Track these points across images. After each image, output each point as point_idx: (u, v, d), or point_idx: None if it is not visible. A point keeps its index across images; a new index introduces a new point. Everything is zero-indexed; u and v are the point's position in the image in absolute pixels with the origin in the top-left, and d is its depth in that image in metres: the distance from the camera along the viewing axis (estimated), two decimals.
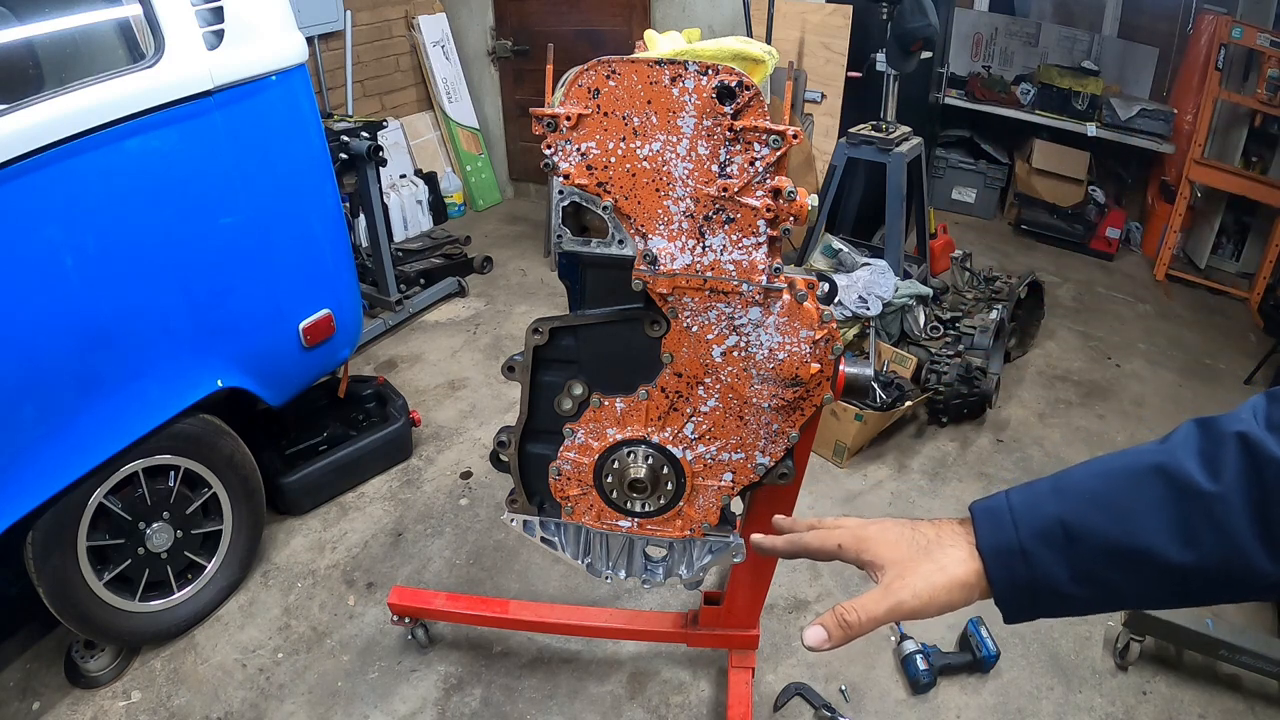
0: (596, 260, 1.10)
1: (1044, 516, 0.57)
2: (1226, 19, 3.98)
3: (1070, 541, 0.55)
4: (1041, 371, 3.40)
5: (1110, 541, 0.54)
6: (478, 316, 3.79)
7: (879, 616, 0.59)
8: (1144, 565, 0.53)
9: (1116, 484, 0.56)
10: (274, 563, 2.31)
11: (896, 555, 0.61)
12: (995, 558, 0.58)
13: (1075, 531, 0.55)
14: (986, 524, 0.59)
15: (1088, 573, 0.55)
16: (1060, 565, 0.55)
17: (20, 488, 1.63)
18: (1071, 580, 0.55)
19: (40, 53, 1.85)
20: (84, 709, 1.88)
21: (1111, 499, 0.55)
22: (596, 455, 1.21)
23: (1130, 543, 0.53)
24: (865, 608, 0.59)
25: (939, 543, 0.61)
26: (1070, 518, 0.55)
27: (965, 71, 4.95)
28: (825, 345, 1.09)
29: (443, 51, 4.77)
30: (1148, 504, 0.53)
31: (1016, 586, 0.57)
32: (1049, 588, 0.56)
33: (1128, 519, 0.54)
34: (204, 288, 1.92)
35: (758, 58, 1.24)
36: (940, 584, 0.58)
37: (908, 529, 0.63)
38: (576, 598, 2.21)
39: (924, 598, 0.58)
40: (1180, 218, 4.28)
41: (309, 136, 2.13)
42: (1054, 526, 0.56)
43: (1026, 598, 0.57)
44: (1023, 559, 0.57)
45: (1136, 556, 0.53)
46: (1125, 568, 0.54)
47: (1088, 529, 0.55)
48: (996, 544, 0.58)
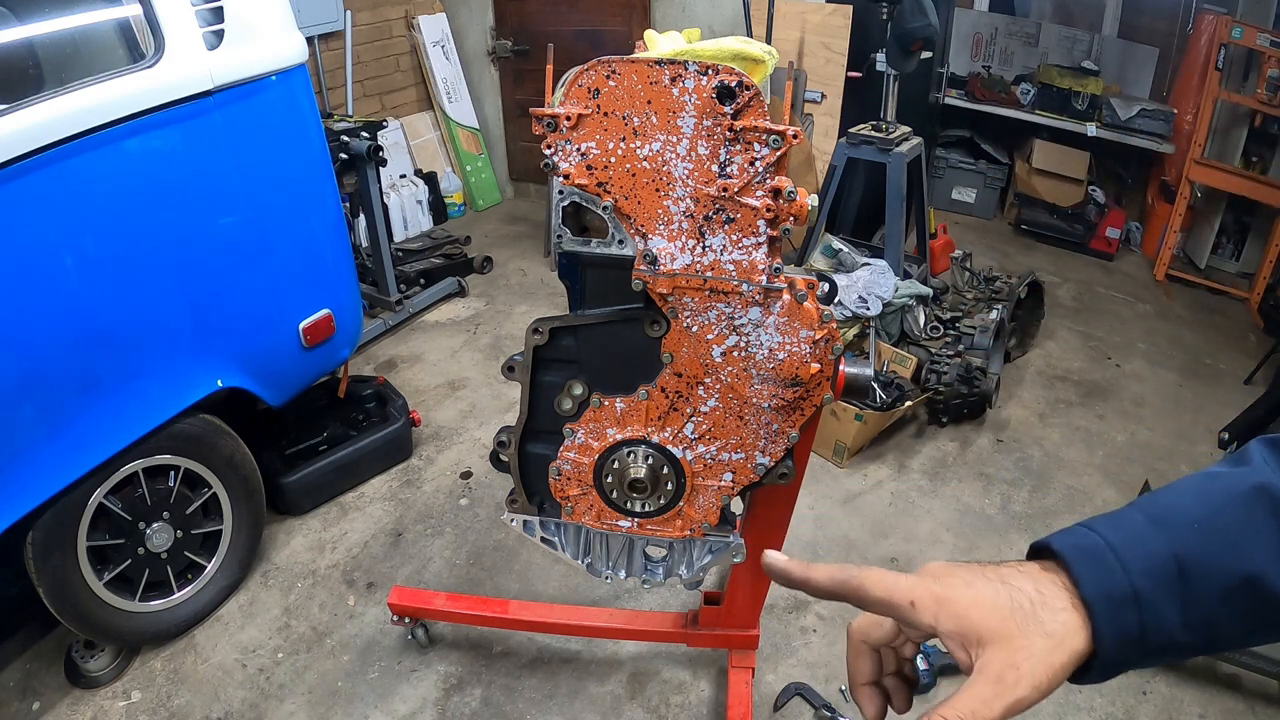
0: (596, 260, 1.10)
1: (1153, 552, 0.48)
2: (1226, 19, 3.98)
3: (1184, 580, 0.47)
4: (1041, 371, 3.40)
5: (1225, 576, 0.47)
6: (478, 316, 3.79)
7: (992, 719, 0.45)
8: (1256, 599, 0.47)
9: (1219, 511, 0.49)
10: (274, 563, 2.31)
11: (998, 627, 0.47)
12: (1105, 607, 0.47)
13: (1189, 568, 0.47)
14: (1088, 567, 0.48)
15: (1203, 613, 0.47)
16: (1174, 608, 0.47)
17: (20, 488, 1.63)
18: (1184, 624, 0.47)
19: (40, 53, 1.85)
20: (84, 709, 1.88)
21: (1220, 526, 0.48)
22: (596, 455, 1.21)
23: (1244, 573, 0.47)
24: (979, 713, 0.45)
25: (1044, 604, 0.48)
26: (1184, 553, 0.47)
27: (965, 71, 4.95)
28: (825, 345, 1.09)
29: (443, 51, 4.77)
30: (1256, 529, 0.47)
31: (1127, 639, 0.47)
32: (1161, 636, 0.47)
33: (1239, 548, 0.47)
34: (204, 288, 1.92)
35: (758, 58, 1.24)
36: (1059, 665, 0.46)
37: (998, 583, 0.49)
38: (576, 598, 2.21)
39: (1043, 688, 0.46)
40: (1180, 218, 4.28)
41: (309, 136, 2.13)
42: (1167, 563, 0.47)
43: (1135, 651, 0.48)
44: (1135, 606, 0.47)
45: (1250, 588, 0.47)
46: (1241, 603, 0.47)
47: (1203, 564, 0.47)
48: (1107, 591, 0.47)
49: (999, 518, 2.53)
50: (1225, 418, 2.82)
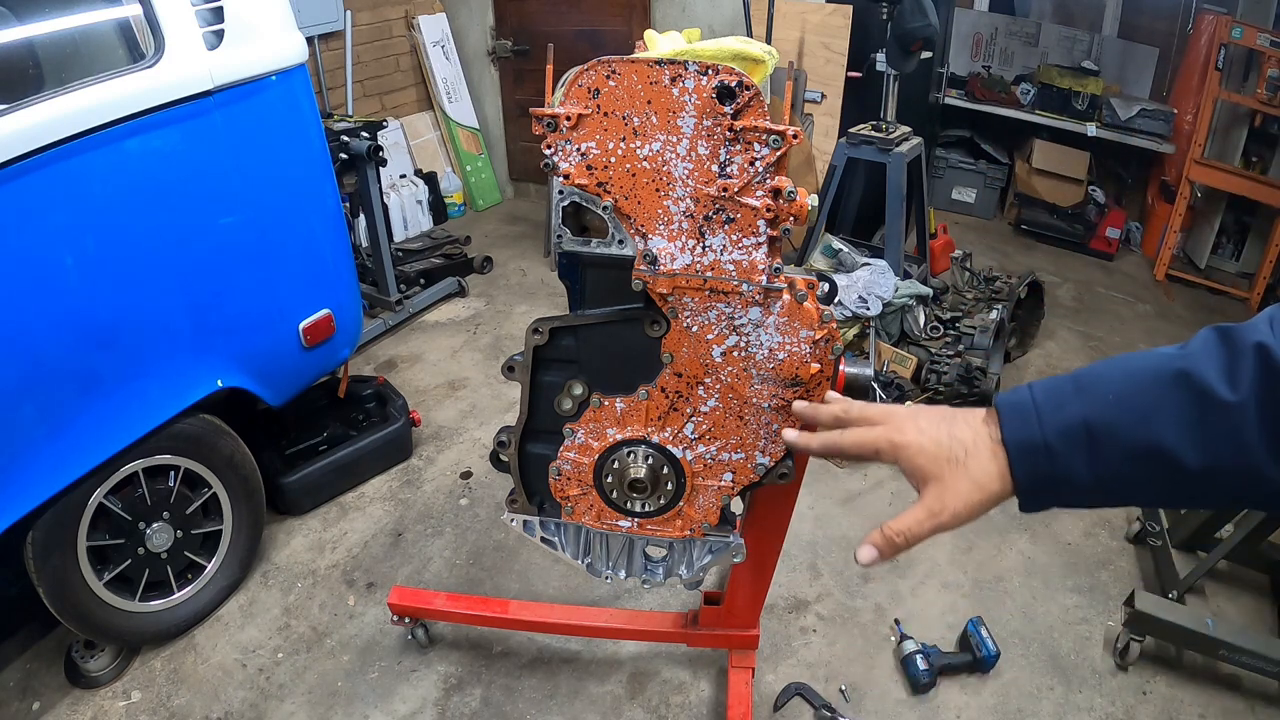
0: (596, 260, 1.10)
1: (1068, 415, 0.58)
2: (1226, 19, 3.98)
3: (1092, 440, 0.57)
4: (1041, 371, 3.40)
5: (1131, 441, 0.56)
6: (478, 316, 3.79)
7: (924, 534, 0.63)
8: (1161, 466, 0.55)
9: (1139, 386, 0.57)
10: (274, 563, 2.31)
11: (935, 469, 0.63)
12: (1020, 453, 0.60)
13: (1098, 431, 0.57)
14: (1013, 419, 0.61)
15: (1107, 470, 0.57)
16: (1082, 462, 0.57)
17: (20, 488, 1.63)
18: (1091, 476, 0.57)
19: (40, 53, 1.85)
20: (84, 709, 1.88)
21: (1133, 401, 0.57)
22: (596, 455, 1.21)
23: (1149, 444, 0.55)
24: (911, 529, 0.63)
25: (975, 453, 0.62)
26: (1093, 417, 0.57)
27: (965, 71, 4.95)
28: (825, 345, 1.09)
29: (443, 51, 4.77)
30: (1168, 408, 0.55)
31: (1038, 479, 0.59)
32: (1069, 482, 0.58)
33: (1148, 421, 0.56)
34: (204, 288, 1.92)
35: (758, 58, 1.24)
36: (977, 500, 0.61)
37: (944, 435, 0.64)
38: (576, 598, 2.21)
39: (963, 515, 0.62)
40: (1180, 218, 4.28)
41: (309, 136, 2.13)
42: (1078, 425, 0.58)
43: (1047, 490, 0.60)
44: (1046, 454, 0.58)
45: (1154, 457, 0.55)
46: (1143, 467, 0.56)
47: (1110, 429, 0.56)
48: (1021, 439, 0.60)
49: (999, 517, 2.53)
50: None
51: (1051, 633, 2.13)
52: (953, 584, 2.29)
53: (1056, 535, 2.46)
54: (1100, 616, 2.18)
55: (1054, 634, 2.12)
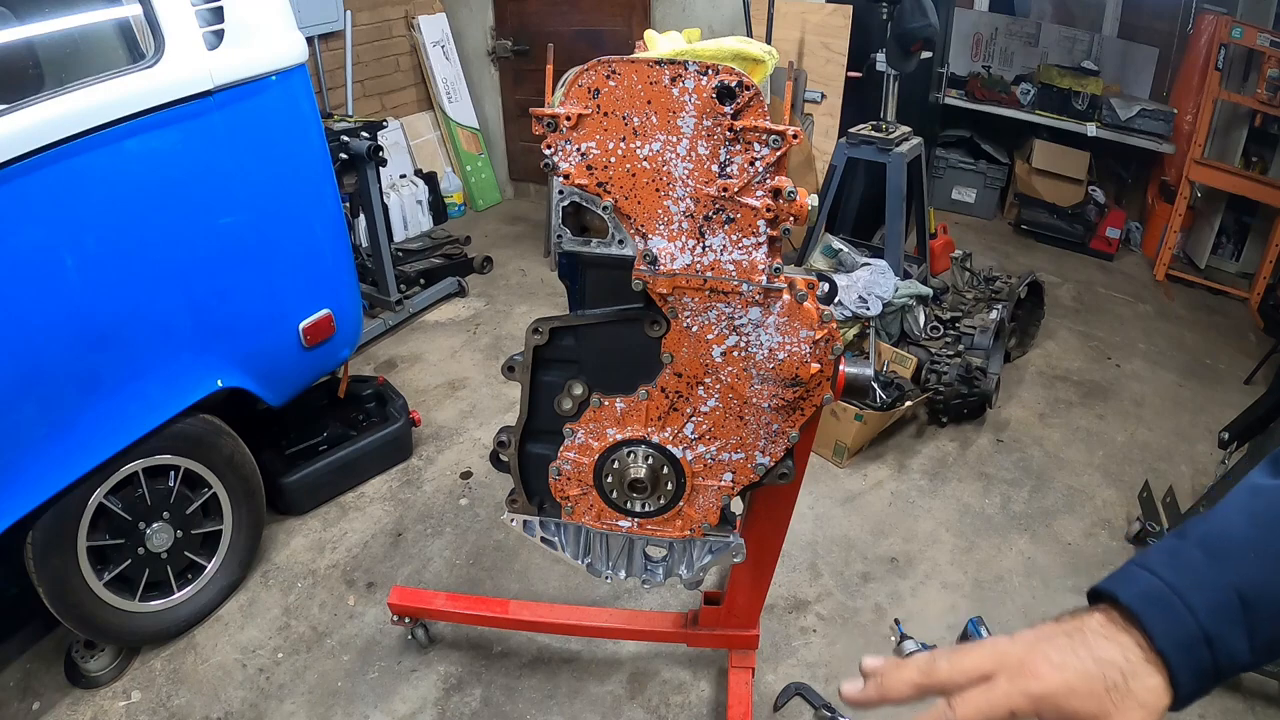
0: (596, 260, 1.10)
1: (1215, 589, 0.49)
2: (1226, 19, 3.98)
3: (1248, 609, 0.49)
4: (1041, 371, 3.40)
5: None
6: (478, 316, 3.79)
7: None
8: None
9: (1273, 529, 0.50)
10: (274, 563, 2.31)
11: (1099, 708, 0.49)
12: (1180, 654, 0.49)
13: (1252, 599, 0.49)
14: (1158, 618, 0.50)
15: (1268, 636, 0.49)
16: (1241, 639, 0.49)
17: (20, 488, 1.63)
18: (1251, 649, 0.49)
19: (40, 53, 1.85)
20: (84, 709, 1.88)
21: (1276, 548, 0.49)
22: (596, 455, 1.21)
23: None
24: None
25: (1134, 674, 0.49)
26: (1243, 581, 0.49)
27: (965, 71, 4.95)
28: (825, 345, 1.09)
29: (443, 51, 4.77)
30: None
31: (1203, 676, 0.49)
32: (1232, 666, 0.49)
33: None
34: (204, 288, 1.92)
35: (758, 58, 1.24)
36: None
37: (1085, 659, 0.50)
38: (576, 598, 2.21)
39: None
40: (1180, 218, 4.28)
41: (309, 137, 2.13)
42: (1230, 597, 0.49)
43: (1209, 683, 0.50)
44: (1207, 646, 0.49)
45: None
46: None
47: (1265, 589, 0.49)
48: (1178, 639, 0.49)
49: (999, 518, 2.53)
50: (1225, 418, 2.82)
51: None
52: (953, 584, 2.28)
53: (1057, 535, 2.46)
54: None
55: None
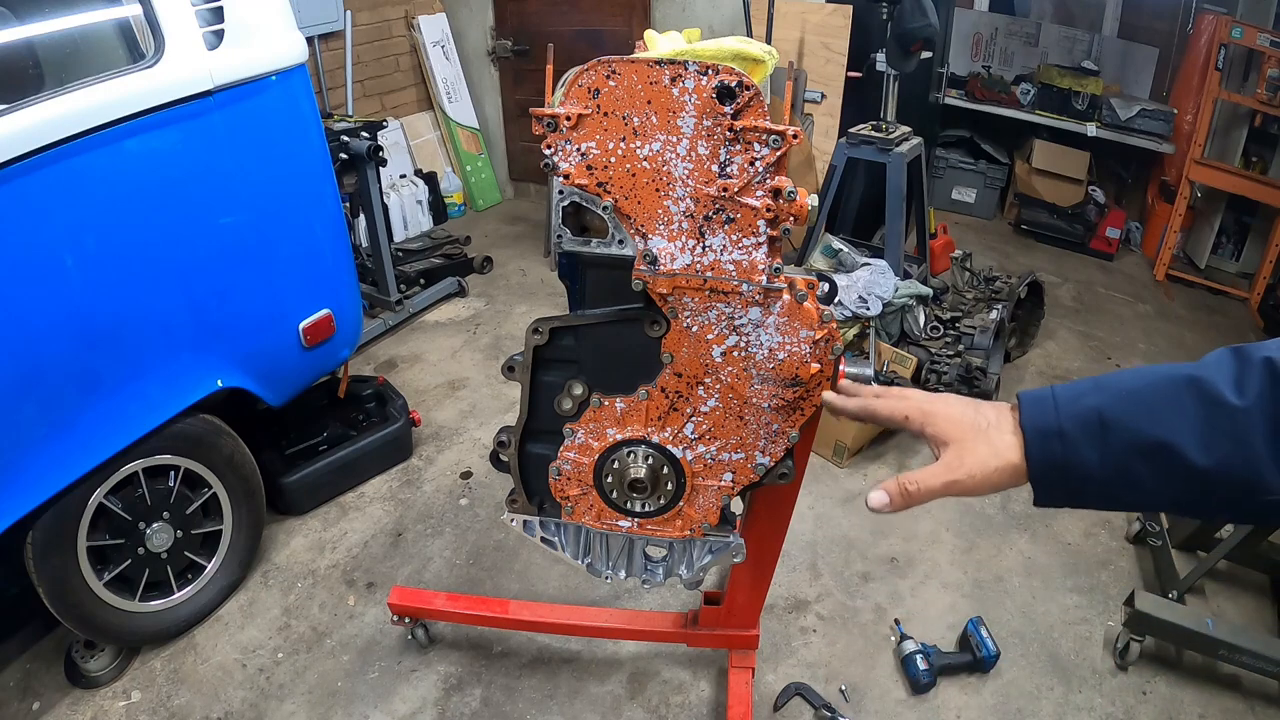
0: (596, 260, 1.10)
1: (1083, 406, 0.62)
2: (1226, 19, 3.98)
3: (1104, 429, 0.60)
4: (1042, 371, 3.40)
5: (1140, 435, 0.59)
6: (478, 316, 3.79)
7: (936, 489, 0.66)
8: (1167, 462, 0.58)
9: (1152, 387, 0.61)
10: (274, 563, 2.31)
11: (959, 434, 0.67)
12: (1035, 436, 0.63)
13: (1110, 421, 0.60)
14: (1031, 407, 0.64)
15: (1116, 461, 0.60)
16: (1093, 450, 0.60)
17: (20, 488, 1.63)
18: (1101, 465, 0.60)
19: (40, 53, 1.85)
20: (84, 709, 1.88)
21: (1146, 398, 0.60)
22: (596, 455, 1.21)
23: (1158, 439, 0.58)
24: (925, 481, 0.67)
25: (997, 426, 0.66)
26: (1107, 409, 0.60)
27: (965, 71, 4.95)
28: (825, 345, 1.09)
29: (443, 51, 4.77)
30: (1178, 407, 0.59)
31: (1052, 465, 0.62)
32: (1080, 470, 0.61)
33: (1158, 417, 0.59)
34: (204, 288, 1.92)
35: (758, 58, 1.24)
36: (993, 466, 0.64)
37: (970, 409, 0.69)
38: (576, 598, 2.21)
39: (978, 478, 0.65)
40: (1180, 218, 4.28)
41: (309, 137, 2.13)
42: (1091, 415, 0.61)
43: (1058, 477, 0.62)
44: (1060, 439, 0.62)
45: (1162, 452, 0.58)
46: (1150, 461, 0.59)
47: (1121, 420, 0.60)
48: (1038, 424, 0.63)
49: (999, 518, 2.53)
50: None
51: (1051, 633, 2.13)
52: (953, 584, 2.29)
53: (1056, 535, 2.46)
54: (1100, 616, 2.18)
55: (1054, 634, 2.12)
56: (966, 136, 5.01)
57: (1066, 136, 4.58)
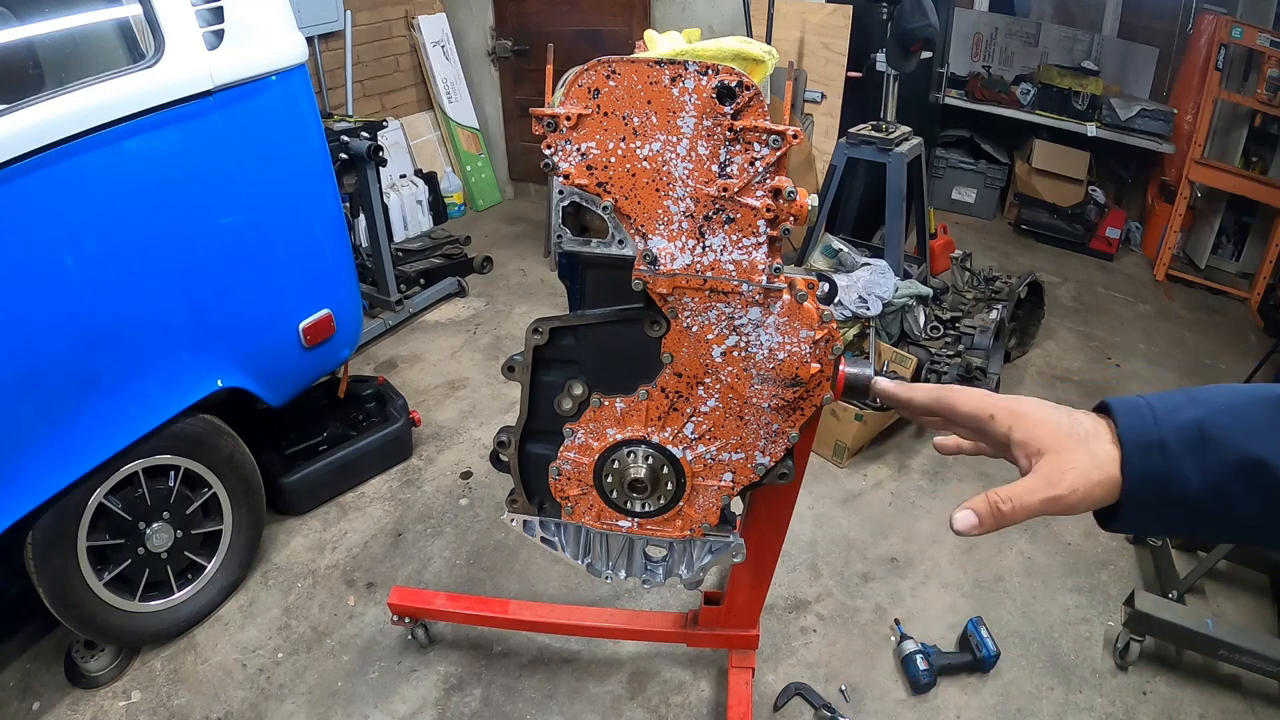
0: (596, 260, 1.10)
1: (1183, 418, 0.56)
2: (1226, 19, 3.98)
3: (1205, 443, 0.55)
4: (1041, 371, 3.40)
5: (1240, 451, 0.54)
6: (478, 316, 3.79)
7: (1034, 507, 0.58)
8: (1262, 481, 0.53)
9: (1250, 401, 0.56)
10: (274, 563, 2.31)
11: (1055, 442, 0.59)
12: (1135, 448, 0.57)
13: (1211, 435, 0.55)
14: (1129, 416, 0.58)
15: (1214, 480, 0.55)
16: (1193, 466, 0.55)
17: (20, 488, 1.63)
18: (1200, 484, 0.55)
19: (40, 53, 1.85)
20: (84, 709, 1.88)
21: (1245, 412, 0.56)
22: (596, 455, 1.21)
23: (1257, 457, 0.53)
24: (1022, 498, 0.58)
25: (1095, 435, 0.59)
26: (1208, 422, 0.55)
27: (965, 71, 4.96)
28: (825, 345, 1.09)
29: (443, 51, 4.77)
30: (1276, 426, 0.54)
31: (1150, 480, 0.56)
32: (1178, 486, 0.55)
33: (1259, 434, 0.54)
34: (204, 288, 1.92)
35: (758, 58, 1.24)
36: (1096, 480, 0.57)
37: (1065, 415, 0.61)
38: (576, 598, 2.21)
39: (1080, 493, 0.57)
40: (1180, 218, 4.28)
41: (309, 137, 2.13)
42: (1192, 427, 0.56)
43: (1155, 494, 0.56)
44: (1161, 453, 0.56)
45: (1259, 472, 0.53)
46: (1248, 481, 0.54)
47: (1223, 435, 0.55)
48: (1138, 435, 0.57)
49: None
50: None
51: (1051, 633, 2.13)
52: (953, 584, 2.28)
53: (1056, 535, 2.46)
54: (1100, 616, 2.18)
55: (1054, 634, 2.12)
56: (966, 136, 5.01)
57: (1066, 136, 4.58)
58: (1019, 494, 0.58)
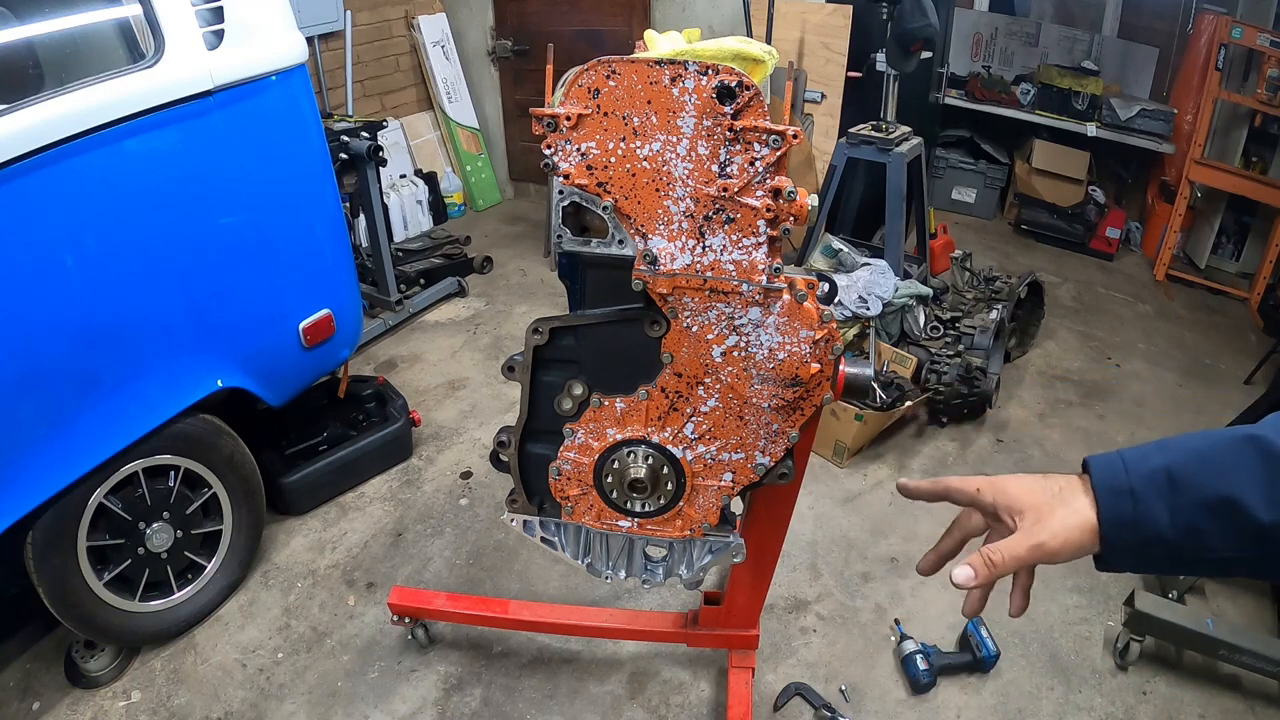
0: (596, 260, 1.10)
1: (1152, 465, 0.63)
2: (1226, 19, 3.98)
3: (1173, 486, 0.61)
4: (1041, 371, 3.40)
5: (1208, 490, 0.59)
6: (478, 316, 3.79)
7: (1021, 557, 0.66)
8: (1233, 519, 0.58)
9: (1216, 446, 0.62)
10: (274, 563, 2.31)
11: (1032, 501, 0.68)
12: (1107, 496, 0.63)
13: (1178, 479, 0.61)
14: (1101, 468, 0.65)
15: (1185, 519, 0.60)
16: (1162, 509, 0.61)
17: (20, 488, 1.63)
18: (1171, 525, 0.60)
19: (40, 53, 1.85)
20: (84, 709, 1.88)
21: (1210, 456, 0.61)
22: (596, 455, 1.21)
23: (1224, 495, 0.59)
24: (1009, 549, 0.67)
25: (1069, 490, 0.67)
26: (1175, 468, 0.61)
27: (965, 71, 4.95)
28: (825, 345, 1.09)
29: (443, 51, 4.77)
30: (1242, 465, 0.59)
31: (1123, 523, 0.62)
32: (1151, 528, 0.61)
33: (1224, 475, 0.59)
34: (204, 288, 1.92)
35: (758, 58, 1.24)
36: (1074, 525, 0.64)
37: (1039, 479, 0.70)
38: (576, 598, 2.21)
39: (1060, 539, 0.64)
40: (1180, 218, 4.28)
41: (309, 137, 2.13)
42: (1160, 474, 0.62)
43: (1130, 536, 0.63)
44: (1131, 498, 0.62)
45: (1228, 509, 0.58)
46: (1217, 518, 0.59)
47: (1189, 478, 0.60)
48: (1109, 483, 0.64)
49: None
50: (1225, 418, 2.82)
51: (1051, 633, 2.13)
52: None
53: None
54: (1100, 616, 2.18)
55: (1054, 634, 2.12)
56: (966, 136, 5.01)
57: (1066, 136, 4.58)
58: (1005, 546, 0.67)
